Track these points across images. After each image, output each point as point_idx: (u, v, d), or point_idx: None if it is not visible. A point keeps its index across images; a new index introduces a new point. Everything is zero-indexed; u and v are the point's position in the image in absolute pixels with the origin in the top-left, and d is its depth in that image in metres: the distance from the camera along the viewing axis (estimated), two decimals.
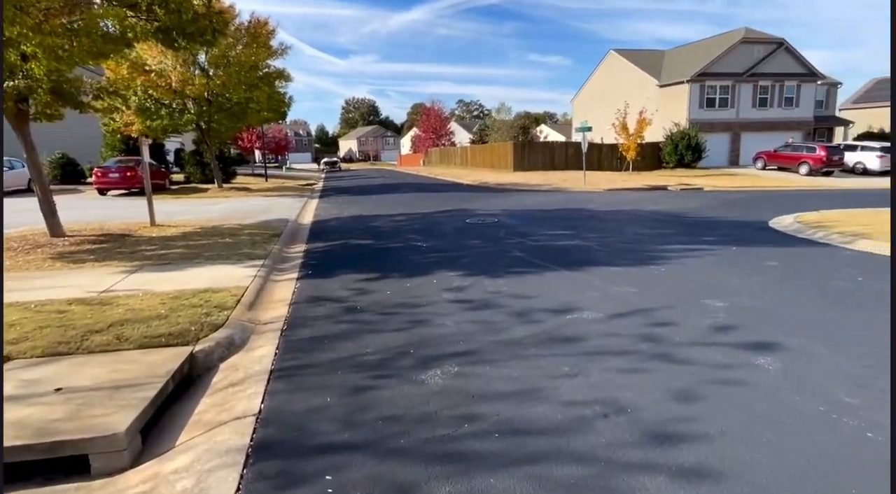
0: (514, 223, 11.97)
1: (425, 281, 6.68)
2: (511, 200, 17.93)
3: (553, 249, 8.71)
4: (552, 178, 28.78)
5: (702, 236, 10.18)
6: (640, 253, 8.31)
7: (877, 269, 7.10)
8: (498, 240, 9.72)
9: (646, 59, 42.95)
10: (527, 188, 24.00)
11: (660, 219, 12.75)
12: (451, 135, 62.74)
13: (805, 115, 39.44)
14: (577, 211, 14.71)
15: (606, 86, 44.37)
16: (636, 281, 6.41)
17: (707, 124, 36.46)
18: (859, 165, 32.51)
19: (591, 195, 20.44)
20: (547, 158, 35.37)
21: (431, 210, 15.02)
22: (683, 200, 18.07)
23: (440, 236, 10.28)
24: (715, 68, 36.45)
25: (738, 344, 4.27)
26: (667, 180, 27.80)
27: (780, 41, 37.81)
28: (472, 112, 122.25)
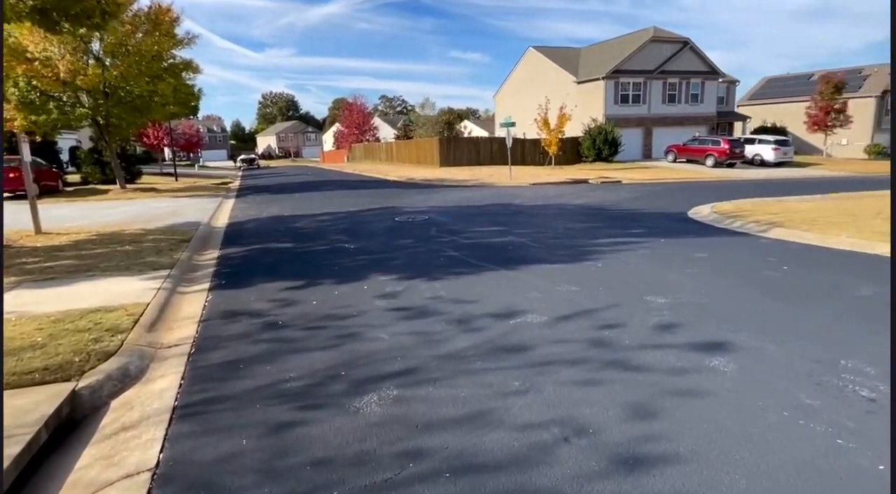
0: (445, 220, 11.61)
1: (355, 288, 6.13)
2: (439, 196, 17.60)
3: (488, 247, 8.41)
4: (479, 173, 28.79)
5: (630, 229, 10.29)
6: (574, 248, 8.19)
7: (796, 258, 7.36)
8: (430, 238, 9.30)
9: (563, 56, 44.13)
10: (454, 184, 23.79)
11: (587, 213, 12.86)
12: (375, 131, 61.59)
13: (709, 111, 42.11)
14: (506, 206, 14.60)
15: (527, 83, 45.17)
16: (576, 279, 6.21)
17: (622, 119, 37.98)
18: (757, 157, 35.12)
19: (517, 190, 20.53)
20: (472, 153, 35.42)
21: (358, 208, 14.36)
22: (605, 193, 18.53)
23: (369, 236, 9.71)
24: (628, 66, 38.00)
25: (688, 344, 4.11)
26: (587, 174, 28.60)
27: (686, 41, 40.06)
28: (395, 107, 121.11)
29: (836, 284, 5.81)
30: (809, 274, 6.32)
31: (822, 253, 7.70)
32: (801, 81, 58.32)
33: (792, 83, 58.86)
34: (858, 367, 3.60)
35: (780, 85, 59.63)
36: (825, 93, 41.56)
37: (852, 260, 7.24)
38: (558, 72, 41.60)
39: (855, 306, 5.03)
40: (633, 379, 3.55)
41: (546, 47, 45.73)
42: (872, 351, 3.90)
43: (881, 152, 46.73)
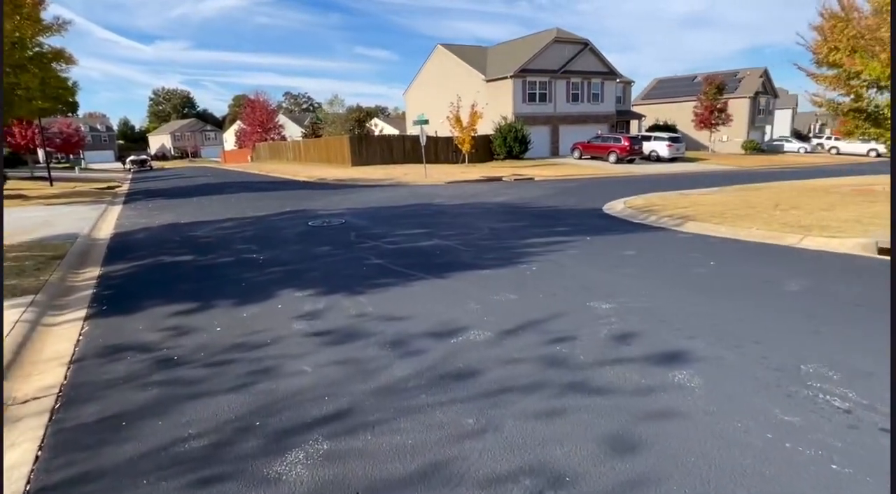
0: (363, 224, 10.88)
1: (267, 308, 5.32)
2: (354, 197, 16.76)
3: (414, 252, 7.84)
4: (393, 172, 28.12)
5: (554, 226, 10.17)
6: (504, 250, 7.84)
7: (718, 252, 7.48)
8: (349, 245, 8.57)
9: (471, 55, 44.45)
10: (368, 183, 22.97)
11: (509, 211, 12.68)
12: (281, 129, 58.76)
13: (609, 110, 44.27)
14: (426, 206, 14.11)
15: (437, 80, 45.02)
16: (512, 285, 5.82)
17: (530, 117, 38.88)
18: (654, 153, 37.41)
19: (434, 188, 20.13)
20: (385, 152, 34.64)
21: (266, 212, 13.21)
22: (521, 191, 18.60)
23: (280, 244, 8.79)
24: (534, 65, 38.94)
25: (646, 357, 3.80)
26: (500, 171, 28.87)
27: (586, 42, 41.76)
28: (300, 105, 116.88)
29: (765, 279, 5.87)
30: (737, 270, 6.37)
31: (739, 246, 7.92)
32: (687, 82, 63.14)
33: (679, 84, 63.55)
34: (820, 373, 3.46)
35: (669, 86, 64.20)
36: (709, 93, 45.17)
37: (768, 252, 7.47)
38: (467, 70, 41.81)
39: (791, 303, 5.03)
40: (600, 404, 3.15)
41: (454, 45, 45.84)
42: (825, 352, 3.80)
43: (755, 147, 51.63)
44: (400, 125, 70.61)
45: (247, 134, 57.71)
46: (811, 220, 9.15)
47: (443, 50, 44.81)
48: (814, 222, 8.95)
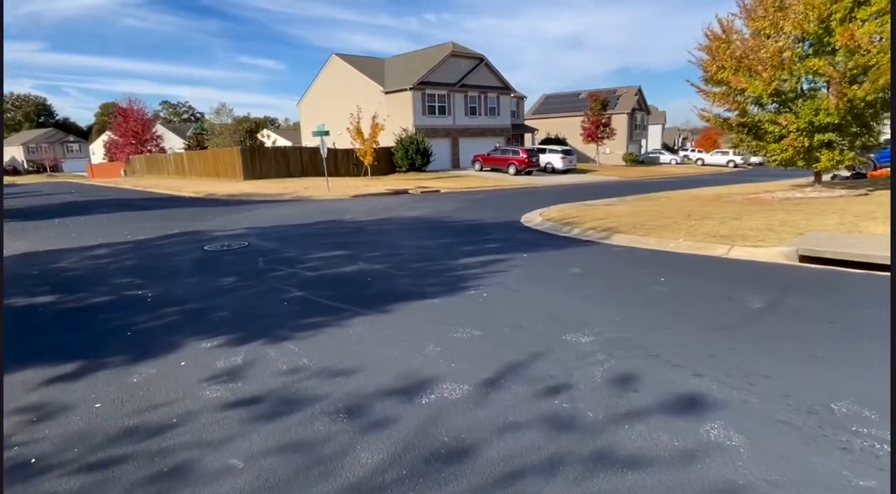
0: (271, 246, 9.59)
1: (167, 367, 4.11)
2: (254, 215, 15.16)
3: (340, 280, 6.83)
4: (291, 186, 26.39)
5: (482, 243, 9.62)
6: (441, 273, 7.09)
7: (662, 266, 7.30)
8: (260, 273, 7.34)
9: (369, 66, 43.61)
10: (267, 199, 21.19)
11: (429, 227, 11.98)
12: (159, 140, 53.52)
13: (505, 123, 45.50)
14: (339, 223, 13.00)
15: (333, 91, 43.58)
16: (469, 318, 5.07)
17: (431, 130, 38.77)
18: (549, 165, 38.88)
19: (341, 203, 18.96)
20: (281, 165, 32.59)
21: (149, 235, 11.35)
22: (433, 204, 18.05)
23: (172, 276, 7.34)
24: (432, 78, 38.95)
25: (663, 407, 3.22)
26: (405, 184, 28.24)
27: (481, 57, 42.63)
28: (180, 115, 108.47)
29: (724, 295, 5.66)
30: (689, 285, 6.15)
31: (676, 259, 7.84)
32: (572, 99, 67.09)
33: (565, 100, 67.37)
34: (856, 413, 3.08)
35: (556, 101, 67.83)
36: (594, 109, 48.08)
37: (706, 264, 7.43)
38: (365, 81, 40.88)
39: (770, 324, 4.77)
40: (648, 486, 2.49)
41: (350, 55, 44.74)
42: (845, 385, 3.46)
43: (634, 160, 55.92)
44: (293, 137, 67.62)
45: (119, 145, 51.91)
46: (727, 230, 9.41)
47: (338, 60, 43.51)
48: (731, 232, 9.20)
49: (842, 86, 12.20)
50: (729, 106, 14.85)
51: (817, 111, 13.08)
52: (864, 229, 8.74)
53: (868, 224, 9.11)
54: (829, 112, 12.84)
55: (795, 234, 8.57)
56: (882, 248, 7.30)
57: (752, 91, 14.07)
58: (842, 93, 12.23)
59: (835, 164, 13.94)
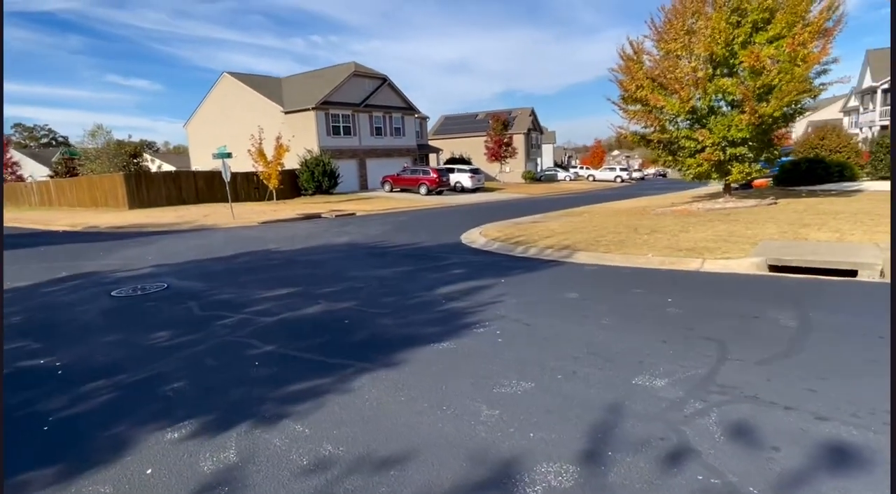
0: (199, 287, 8.07)
1: (125, 482, 2.87)
2: (156, 249, 13.14)
3: (312, 326, 5.69)
4: (189, 215, 23.85)
5: (445, 269, 8.84)
6: (426, 308, 6.20)
7: (648, 283, 6.99)
8: (203, 323, 5.96)
9: (265, 85, 41.41)
10: (163, 230, 18.78)
11: (371, 254, 10.98)
12: (16, 168, 46.77)
13: (411, 143, 45.22)
14: (265, 254, 11.55)
15: (227, 111, 40.77)
16: (503, 365, 4.26)
17: (336, 151, 37.43)
18: (458, 184, 39.06)
19: (253, 231, 17.22)
20: (172, 191, 29.51)
21: (32, 280, 9.20)
22: (357, 228, 16.97)
23: (85, 335, 5.74)
24: (335, 98, 37.75)
25: (826, 467, 2.64)
26: (316, 208, 26.77)
27: (384, 77, 42.17)
28: (38, 139, 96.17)
29: (743, 313, 5.36)
30: (704, 306, 5.80)
31: (659, 275, 7.59)
32: (470, 120, 68.86)
33: (463, 121, 68.93)
34: None
35: (455, 122, 69.18)
36: (496, 129, 49.47)
37: (695, 279, 7.23)
38: (263, 101, 38.68)
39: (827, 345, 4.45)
40: None
41: (244, 74, 42.23)
42: None
43: (532, 177, 58.16)
44: (177, 161, 62.40)
45: None
46: (687, 243, 9.45)
47: (231, 79, 40.83)
48: (691, 245, 9.24)
49: (753, 104, 13.10)
50: (647, 123, 15.47)
51: (729, 127, 13.95)
52: (806, 236, 9.17)
53: (806, 231, 9.60)
54: (741, 127, 13.74)
55: (751, 245, 8.76)
56: (839, 254, 7.58)
57: (670, 109, 14.75)
58: (753, 110, 13.12)
59: (745, 176, 14.97)
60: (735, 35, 13.85)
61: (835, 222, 10.28)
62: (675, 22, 14.50)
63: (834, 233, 9.10)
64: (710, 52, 13.81)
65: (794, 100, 13.24)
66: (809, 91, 13.64)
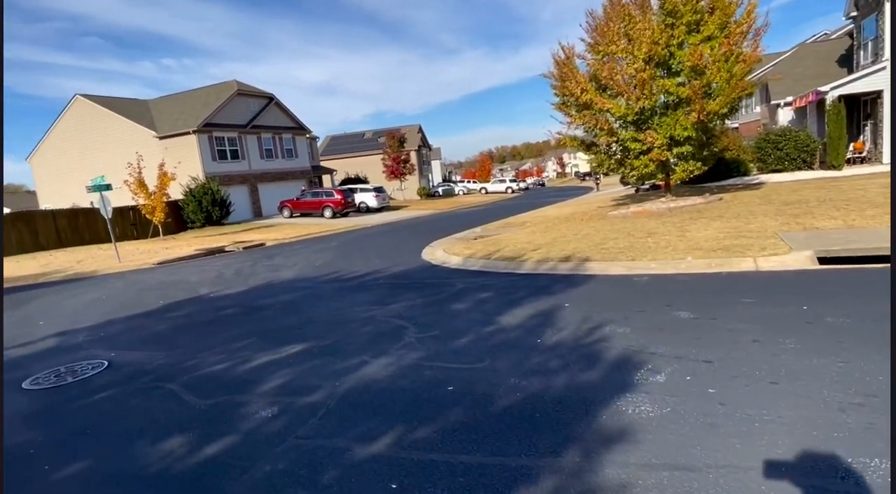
0: (156, 358, 5.74)
1: None
2: (39, 311, 9.97)
3: (403, 402, 3.94)
4: (56, 262, 19.60)
5: (465, 296, 7.33)
6: (520, 352, 4.70)
7: (735, 290, 6.11)
8: (223, 421, 3.91)
9: (129, 108, 36.43)
10: (27, 283, 14.88)
11: (349, 288, 9.10)
12: None
13: (304, 165, 42.45)
14: (208, 302, 9.13)
15: (83, 139, 35.25)
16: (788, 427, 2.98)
17: (224, 177, 33.86)
18: (363, 204, 37.14)
19: (158, 274, 14.18)
20: (26, 236, 24.33)
21: None
22: (288, 259, 14.72)
23: (21, 476, 3.47)
24: (219, 119, 34.22)
25: None
26: (215, 240, 23.65)
27: (271, 96, 39.20)
28: None
29: None
30: (849, 309, 4.97)
31: (730, 279, 6.77)
32: (357, 139, 67.14)
33: (350, 140, 66.99)
34: None
35: (342, 142, 66.98)
36: (393, 146, 48.23)
37: (776, 280, 6.51)
38: (129, 125, 33.92)
39: None
40: None
41: (101, 97, 36.79)
42: None
43: (427, 193, 57.75)
44: (16, 202, 52.94)
45: None
46: (707, 243, 8.75)
47: (85, 101, 35.34)
48: (713, 244, 8.55)
49: (701, 102, 13.26)
50: (593, 126, 15.18)
51: (674, 126, 14.05)
52: (814, 225, 9.03)
53: (810, 220, 9.52)
54: (685, 126, 13.88)
55: (774, 239, 8.38)
56: (877, 241, 7.37)
57: (616, 111, 14.58)
58: (702, 108, 13.28)
59: (688, 174, 15.21)
60: (673, 36, 14.03)
61: (821, 211, 10.29)
62: (612, 25, 14.40)
63: (837, 222, 9.06)
64: (652, 53, 13.84)
65: (738, 96, 13.64)
66: (751, 87, 14.20)
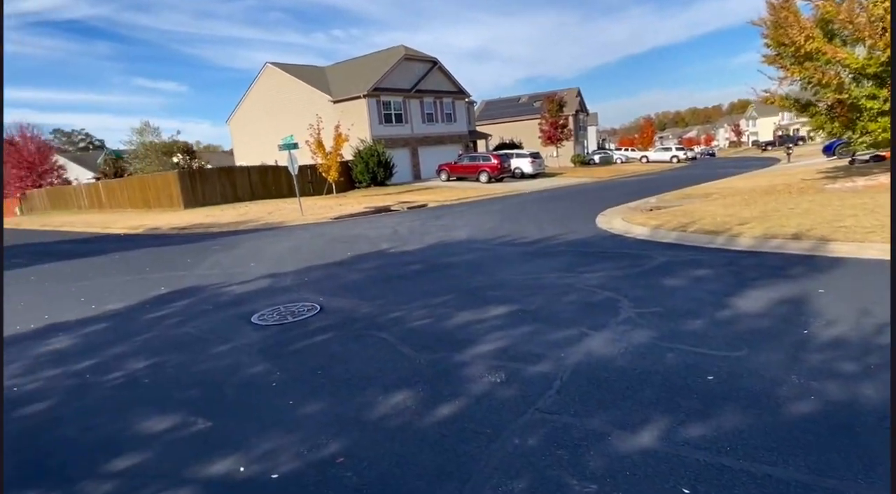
0: (361, 307, 5.90)
1: None
2: (247, 253, 11.13)
3: (662, 386, 3.46)
4: (250, 212, 22.05)
5: (678, 271, 6.51)
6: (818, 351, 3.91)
7: None
8: (447, 378, 3.76)
9: (310, 74, 39.48)
10: (231, 230, 16.88)
11: (529, 253, 8.70)
12: (61, 171, 46.12)
13: (462, 130, 42.82)
14: (391, 257, 9.39)
15: (270, 103, 39.05)
16: None
17: (389, 140, 35.33)
18: (518, 170, 36.44)
19: (336, 228, 15.13)
20: (227, 188, 27.84)
21: (126, 301, 7.20)
22: (456, 219, 14.71)
23: (269, 411, 3.63)
24: (386, 83, 35.60)
25: None
26: (380, 200, 24.75)
27: (435, 60, 39.79)
28: (76, 143, 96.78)
29: None
30: None
31: None
32: (513, 103, 66.01)
33: (506, 105, 66.12)
34: None
35: (497, 107, 66.41)
36: (551, 110, 46.54)
37: None
38: (309, 90, 36.74)
39: None
40: None
41: (287, 65, 40.30)
42: None
43: (583, 161, 54.96)
44: (215, 160, 61.28)
45: (9, 180, 44.04)
46: None
47: (275, 70, 39.00)
48: None
49: None
50: (814, 81, 12.73)
51: None
52: None
53: None
54: None
55: None
56: None
57: (850, 62, 12.02)
58: None
59: None
60: None
61: None
62: None
63: None
64: None
65: None
66: None
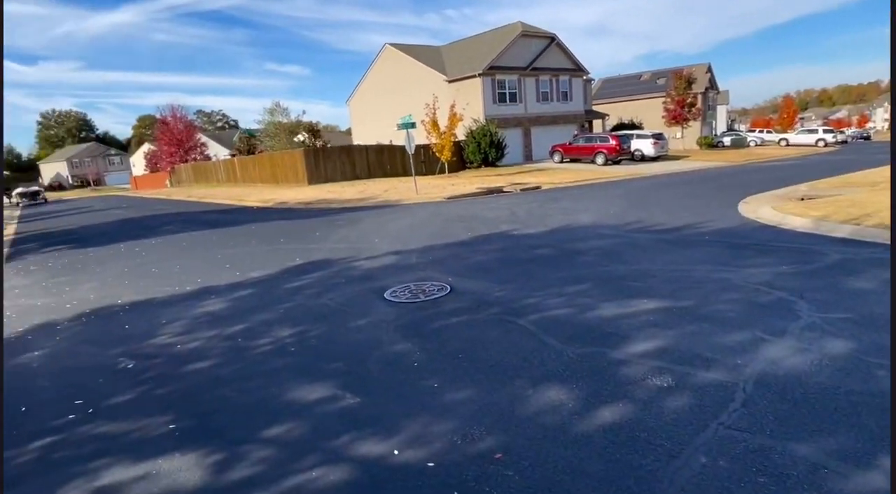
0: (493, 290, 5.75)
1: None
2: (368, 230, 11.46)
3: None
4: (368, 190, 22.83)
5: (864, 271, 5.61)
6: None
7: None
8: (613, 383, 3.50)
9: (426, 54, 39.88)
10: (351, 206, 17.56)
11: (667, 241, 8.02)
12: (203, 148, 51.15)
13: (578, 109, 41.10)
14: (514, 240, 9.16)
15: (387, 84, 40.03)
16: None
17: (501, 120, 34.79)
18: (638, 152, 34.31)
19: (452, 208, 15.13)
20: (346, 166, 29.14)
21: (266, 270, 7.70)
22: (577, 203, 14.04)
23: (409, 389, 3.60)
24: (502, 62, 34.97)
25: None
26: (492, 180, 24.39)
27: (552, 36, 38.38)
28: (214, 123, 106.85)
29: None
30: None
31: None
32: (633, 81, 62.12)
33: (625, 83, 62.41)
34: None
35: (615, 85, 62.91)
36: (679, 87, 43.18)
37: None
38: (424, 70, 37.13)
39: None
40: None
41: (404, 45, 41.02)
42: None
43: (710, 143, 50.44)
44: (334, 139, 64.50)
45: (162, 155, 49.66)
46: None
47: (393, 50, 39.85)
48: None
49: None
50: None
51: None
52: None
53: None
54: None
55: None
56: None
57: None
58: None
59: None
60: None
61: None
62: None
63: None
64: None
65: None
66: None
